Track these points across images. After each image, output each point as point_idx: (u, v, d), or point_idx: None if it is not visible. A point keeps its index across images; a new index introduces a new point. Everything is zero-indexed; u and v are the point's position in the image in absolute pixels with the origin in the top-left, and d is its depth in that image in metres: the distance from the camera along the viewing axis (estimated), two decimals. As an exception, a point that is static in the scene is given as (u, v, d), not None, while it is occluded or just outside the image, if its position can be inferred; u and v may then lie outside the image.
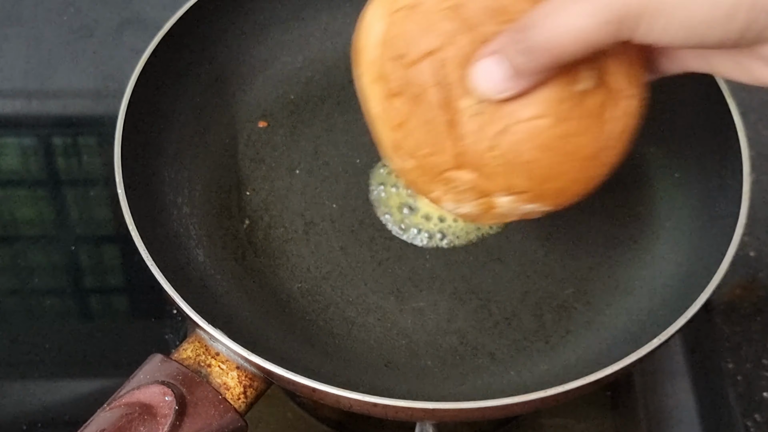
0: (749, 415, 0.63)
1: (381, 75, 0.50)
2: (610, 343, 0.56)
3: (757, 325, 0.67)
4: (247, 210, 0.62)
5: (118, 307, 0.70)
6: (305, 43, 0.68)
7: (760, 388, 0.64)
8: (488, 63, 0.45)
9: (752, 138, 0.60)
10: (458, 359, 0.56)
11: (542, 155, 0.48)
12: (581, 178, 0.50)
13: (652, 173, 0.63)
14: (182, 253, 0.58)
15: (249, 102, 0.66)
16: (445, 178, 0.50)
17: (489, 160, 0.48)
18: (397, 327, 0.57)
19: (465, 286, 0.59)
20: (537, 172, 0.49)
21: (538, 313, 0.58)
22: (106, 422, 0.48)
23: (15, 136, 0.78)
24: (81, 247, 0.71)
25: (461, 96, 0.48)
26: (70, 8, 0.84)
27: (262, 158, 0.64)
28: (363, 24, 0.52)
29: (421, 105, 0.49)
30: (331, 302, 0.58)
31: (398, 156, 0.51)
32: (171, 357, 0.51)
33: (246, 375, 0.51)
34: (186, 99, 0.63)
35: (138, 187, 0.57)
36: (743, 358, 0.65)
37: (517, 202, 0.50)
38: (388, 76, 0.50)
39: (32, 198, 0.75)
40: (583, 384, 0.49)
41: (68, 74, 0.80)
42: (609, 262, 0.60)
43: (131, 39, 0.82)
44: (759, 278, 0.69)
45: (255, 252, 0.60)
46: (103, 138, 0.77)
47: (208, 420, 0.49)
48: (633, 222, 0.61)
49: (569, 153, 0.49)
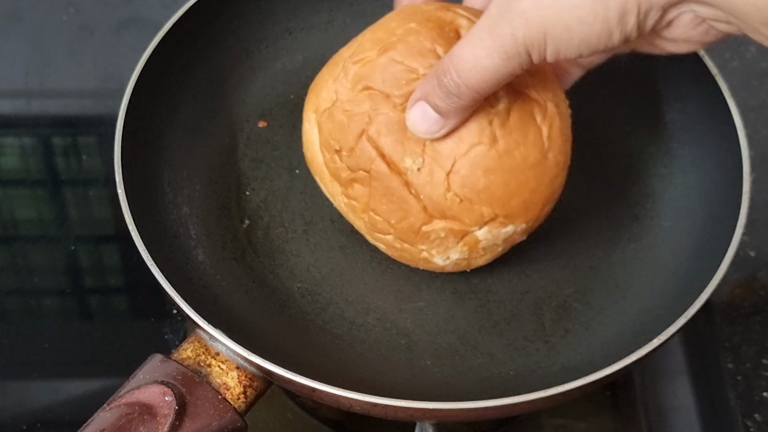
0: (749, 415, 0.63)
1: (333, 173, 0.55)
2: (610, 343, 0.56)
3: (757, 325, 0.67)
4: (247, 210, 0.62)
5: (118, 307, 0.70)
6: (305, 43, 0.68)
7: (760, 388, 0.64)
8: (416, 110, 0.50)
9: (752, 138, 0.60)
10: (458, 359, 0.56)
11: (494, 177, 0.51)
12: (540, 185, 0.53)
13: (652, 173, 0.63)
14: (182, 253, 0.58)
15: (249, 102, 0.66)
16: (423, 234, 0.53)
17: (450, 203, 0.52)
18: (396, 327, 0.57)
19: (465, 286, 0.59)
20: (496, 194, 0.52)
21: (537, 312, 0.58)
22: (106, 422, 0.48)
23: (15, 136, 0.78)
24: (81, 247, 0.71)
25: (402, 157, 0.52)
26: (70, 8, 0.84)
27: (262, 158, 0.64)
28: (304, 133, 0.57)
29: (375, 179, 0.53)
30: (331, 302, 0.58)
31: (378, 236, 0.55)
32: (171, 357, 0.52)
33: (246, 375, 0.51)
34: (186, 99, 0.63)
35: (138, 187, 0.57)
36: (743, 358, 0.65)
37: (494, 230, 0.53)
38: (338, 171, 0.54)
39: (32, 198, 0.75)
40: (583, 384, 0.49)
41: (68, 74, 0.80)
42: (609, 262, 0.60)
43: (131, 39, 0.82)
44: (759, 278, 0.69)
45: (255, 252, 0.60)
46: (103, 138, 0.77)
47: (208, 420, 0.49)
48: (633, 222, 0.61)
49: (517, 166, 0.52)
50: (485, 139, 0.51)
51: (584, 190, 0.62)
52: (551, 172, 0.54)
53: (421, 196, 0.52)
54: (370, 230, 0.55)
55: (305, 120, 0.57)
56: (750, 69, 0.79)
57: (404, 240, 0.54)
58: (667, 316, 0.52)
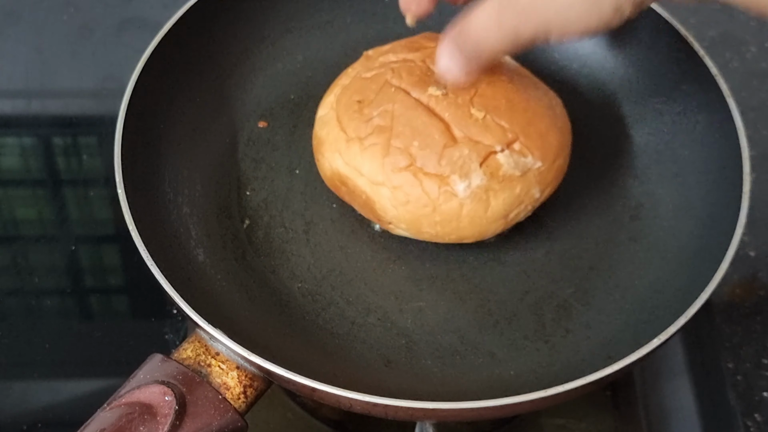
0: (749, 415, 0.63)
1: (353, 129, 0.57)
2: (610, 343, 0.56)
3: (757, 325, 0.67)
4: (247, 210, 0.62)
5: (118, 307, 0.70)
6: (305, 43, 0.68)
7: (760, 388, 0.64)
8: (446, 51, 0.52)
9: (752, 138, 0.60)
10: (458, 359, 0.56)
11: (515, 102, 0.57)
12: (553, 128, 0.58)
13: (652, 173, 0.63)
14: (182, 253, 0.58)
15: (249, 102, 0.66)
16: (446, 156, 0.55)
17: (474, 119, 0.56)
18: (397, 327, 0.57)
19: (465, 286, 0.59)
20: (516, 116, 0.56)
21: (538, 312, 0.58)
22: (106, 422, 0.48)
23: (15, 136, 0.78)
24: (81, 247, 0.71)
25: (425, 89, 0.56)
26: (70, 8, 0.84)
27: (262, 158, 0.64)
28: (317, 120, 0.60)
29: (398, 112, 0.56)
30: (331, 302, 0.58)
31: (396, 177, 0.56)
32: (171, 357, 0.52)
33: (246, 375, 0.51)
34: (186, 99, 0.63)
35: (138, 187, 0.57)
36: (743, 358, 0.65)
37: (514, 155, 0.56)
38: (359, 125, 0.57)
39: (32, 198, 0.75)
40: (583, 384, 0.49)
41: (68, 74, 0.80)
42: (609, 262, 0.60)
43: (131, 39, 0.82)
44: (759, 278, 0.69)
45: (255, 252, 0.60)
46: (103, 138, 0.77)
47: (208, 420, 0.49)
48: (633, 222, 0.61)
49: (533, 99, 0.58)
50: (504, 78, 0.57)
51: (584, 190, 0.62)
52: (561, 123, 0.58)
53: (446, 115, 0.55)
54: (390, 171, 0.56)
55: (321, 108, 0.60)
56: (750, 69, 0.79)
57: (425, 166, 0.55)
58: (667, 316, 0.52)
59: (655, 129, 0.64)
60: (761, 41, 0.81)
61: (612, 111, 0.65)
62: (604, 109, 0.65)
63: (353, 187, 0.57)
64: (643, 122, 0.64)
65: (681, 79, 0.63)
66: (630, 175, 0.63)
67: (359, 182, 0.57)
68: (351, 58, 0.63)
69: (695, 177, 0.61)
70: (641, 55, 0.65)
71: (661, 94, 0.64)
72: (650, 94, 0.64)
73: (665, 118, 0.63)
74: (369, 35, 0.69)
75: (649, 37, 0.64)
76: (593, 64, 0.66)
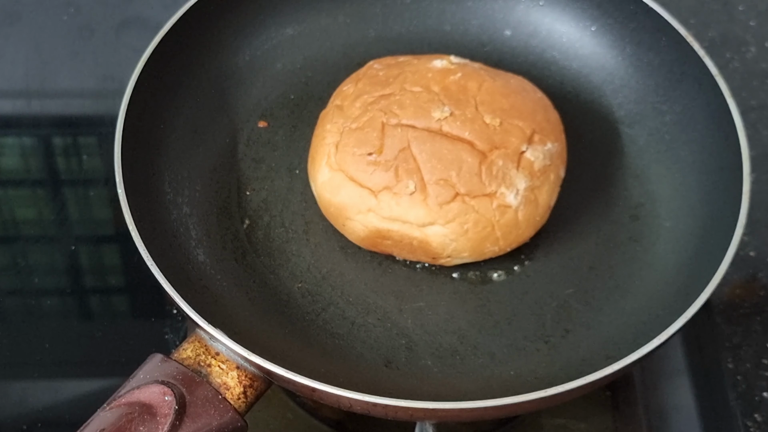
0: (749, 415, 0.63)
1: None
2: (610, 343, 0.56)
3: (757, 325, 0.67)
4: (247, 210, 0.62)
5: (118, 307, 0.70)
6: (305, 43, 0.68)
7: (760, 388, 0.64)
8: None
9: (752, 138, 0.60)
10: (458, 359, 0.56)
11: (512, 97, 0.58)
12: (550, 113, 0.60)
13: (652, 173, 0.63)
14: (182, 253, 0.58)
15: (249, 102, 0.66)
16: (486, 173, 0.56)
17: (492, 127, 0.57)
18: (397, 327, 0.57)
19: (465, 286, 0.59)
20: (522, 110, 0.58)
21: (538, 313, 0.58)
22: (106, 422, 0.48)
23: (15, 136, 0.78)
24: (81, 247, 0.71)
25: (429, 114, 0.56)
26: (70, 8, 0.84)
27: (262, 158, 0.64)
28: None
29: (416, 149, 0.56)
30: (331, 302, 0.58)
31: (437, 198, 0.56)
32: (171, 357, 0.52)
33: (246, 375, 0.51)
34: (186, 99, 0.63)
35: (138, 187, 0.57)
36: (743, 358, 0.65)
37: (538, 147, 0.57)
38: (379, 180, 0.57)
39: (32, 198, 0.75)
40: (583, 384, 0.49)
41: (68, 74, 0.80)
42: (609, 262, 0.60)
43: (131, 39, 0.82)
44: (759, 278, 0.69)
45: (255, 252, 0.60)
46: (103, 138, 0.77)
47: (208, 420, 0.49)
48: (633, 222, 0.61)
49: (523, 90, 0.59)
50: (487, 77, 0.59)
51: (584, 191, 0.62)
52: (545, 100, 0.61)
53: (465, 134, 0.56)
54: (438, 207, 0.56)
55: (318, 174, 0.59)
56: (750, 69, 0.79)
57: (471, 191, 0.55)
58: (667, 316, 0.52)
59: (655, 129, 0.64)
60: (761, 41, 0.81)
61: (612, 111, 0.65)
62: (604, 109, 0.65)
63: (399, 237, 0.57)
64: (643, 122, 0.64)
65: (681, 79, 0.63)
66: (630, 175, 0.63)
67: (405, 230, 0.56)
68: (351, 58, 0.63)
69: (695, 177, 0.61)
70: (641, 55, 0.65)
71: (661, 94, 0.64)
72: (650, 94, 0.64)
73: (665, 118, 0.63)
74: (369, 35, 0.69)
75: (649, 37, 0.64)
76: (593, 64, 0.66)
